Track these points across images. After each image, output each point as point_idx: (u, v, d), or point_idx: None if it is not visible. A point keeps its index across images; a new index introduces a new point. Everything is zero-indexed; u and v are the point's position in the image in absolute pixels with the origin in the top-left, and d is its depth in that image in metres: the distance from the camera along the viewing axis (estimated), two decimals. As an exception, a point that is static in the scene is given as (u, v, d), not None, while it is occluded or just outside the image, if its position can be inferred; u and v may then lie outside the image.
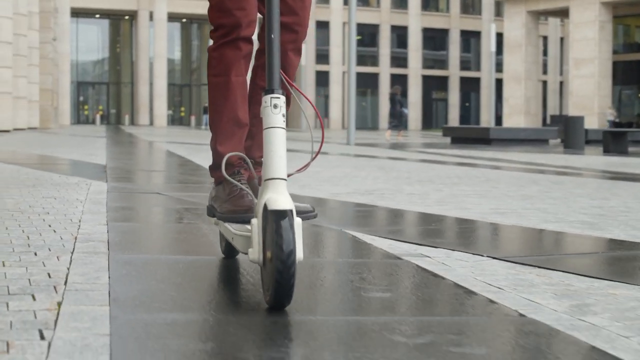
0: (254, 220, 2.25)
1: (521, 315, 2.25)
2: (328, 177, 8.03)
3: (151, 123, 61.25)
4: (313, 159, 2.51)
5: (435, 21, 67.26)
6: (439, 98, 69.60)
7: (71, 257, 2.93)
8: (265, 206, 2.21)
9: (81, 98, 68.76)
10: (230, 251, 2.96)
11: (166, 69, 61.53)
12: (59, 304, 2.20)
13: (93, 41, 67.79)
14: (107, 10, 64.19)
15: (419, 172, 9.34)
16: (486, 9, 66.74)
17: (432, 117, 68.24)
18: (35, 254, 3.00)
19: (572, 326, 2.12)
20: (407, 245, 3.53)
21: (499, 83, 52.71)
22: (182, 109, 70.20)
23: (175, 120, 69.10)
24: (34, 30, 33.01)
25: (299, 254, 2.17)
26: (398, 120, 30.44)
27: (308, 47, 61.70)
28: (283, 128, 2.29)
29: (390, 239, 3.70)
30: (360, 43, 63.16)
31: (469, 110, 70.39)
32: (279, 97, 2.30)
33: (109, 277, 2.58)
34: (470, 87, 69.14)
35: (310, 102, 2.50)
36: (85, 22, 66.06)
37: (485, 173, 9.41)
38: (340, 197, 5.86)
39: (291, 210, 2.17)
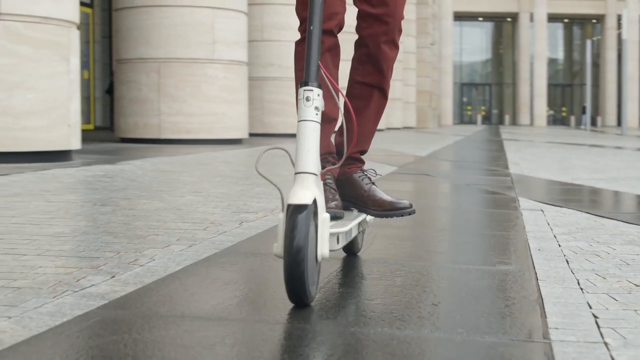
0: (280, 215, 2.21)
1: (526, 234, 3.68)
2: (597, 167, 9.19)
3: (531, 123, 62.50)
4: (344, 157, 2.50)
5: None
6: None
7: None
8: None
9: (464, 99, 71.73)
10: (347, 248, 2.96)
11: (546, 69, 62.48)
12: (240, 223, 4.03)
13: (476, 43, 70.42)
14: (490, 13, 66.44)
15: None
16: None
17: None
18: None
19: (541, 238, 3.54)
20: (544, 205, 4.93)
21: None
22: (564, 109, 70.65)
23: (557, 120, 69.72)
24: (411, 36, 35.89)
25: (323, 250, 2.22)
26: None
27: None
28: (315, 121, 2.27)
29: (539, 201, 5.12)
30: None
31: None
32: (311, 90, 2.28)
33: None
34: None
35: (346, 99, 2.54)
36: (469, 25, 68.90)
37: None
38: (576, 181, 7.15)
39: (310, 205, 2.15)
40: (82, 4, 20.74)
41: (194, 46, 12.51)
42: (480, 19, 68.99)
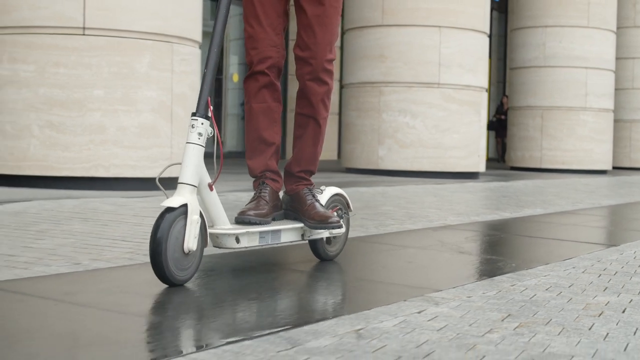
0: None
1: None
2: None
3: None
4: (216, 179, 2.86)
5: None
6: None
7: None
8: None
9: None
10: (314, 252, 3.46)
11: None
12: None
13: None
14: None
15: None
16: None
17: None
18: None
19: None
20: None
21: None
22: None
23: None
24: None
25: (189, 244, 2.68)
26: None
27: None
28: (196, 144, 2.75)
29: None
30: None
31: None
32: (196, 119, 2.75)
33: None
34: None
35: (217, 129, 2.82)
36: None
37: None
38: None
39: (178, 208, 2.64)
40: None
41: (571, 97, 16.20)
42: None
